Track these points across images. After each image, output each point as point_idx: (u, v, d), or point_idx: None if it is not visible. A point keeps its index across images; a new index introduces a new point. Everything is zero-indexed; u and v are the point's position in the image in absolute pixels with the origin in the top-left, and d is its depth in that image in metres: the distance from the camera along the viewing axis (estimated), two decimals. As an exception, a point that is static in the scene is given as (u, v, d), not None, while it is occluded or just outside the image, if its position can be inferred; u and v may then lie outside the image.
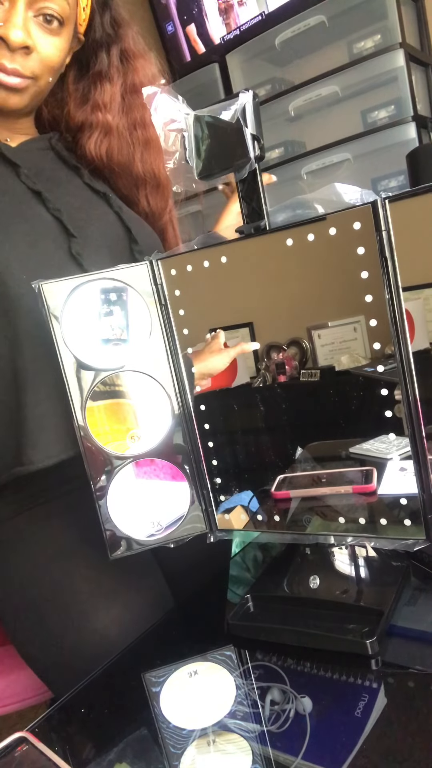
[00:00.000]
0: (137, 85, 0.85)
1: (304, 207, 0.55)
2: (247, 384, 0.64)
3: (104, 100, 0.83)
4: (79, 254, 0.72)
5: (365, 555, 0.67)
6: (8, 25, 0.70)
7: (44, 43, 0.73)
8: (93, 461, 0.63)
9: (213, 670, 0.57)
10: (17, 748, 0.50)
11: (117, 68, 0.84)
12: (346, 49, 1.87)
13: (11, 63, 0.72)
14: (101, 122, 0.83)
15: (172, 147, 0.62)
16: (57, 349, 0.61)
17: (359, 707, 0.49)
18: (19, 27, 0.70)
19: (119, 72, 0.84)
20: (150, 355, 0.63)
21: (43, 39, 0.73)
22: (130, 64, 0.85)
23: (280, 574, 0.68)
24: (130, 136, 0.85)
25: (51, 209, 0.74)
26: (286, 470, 0.62)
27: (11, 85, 0.74)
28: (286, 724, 0.49)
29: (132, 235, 0.80)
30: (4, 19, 0.70)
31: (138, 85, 0.85)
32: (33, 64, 0.74)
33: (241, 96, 0.55)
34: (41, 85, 0.77)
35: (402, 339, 0.51)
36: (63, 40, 0.75)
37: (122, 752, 0.50)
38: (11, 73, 0.73)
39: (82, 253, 0.73)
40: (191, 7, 2.09)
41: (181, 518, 0.65)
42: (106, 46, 0.84)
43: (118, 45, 0.85)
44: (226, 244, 0.60)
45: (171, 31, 2.15)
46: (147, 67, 0.86)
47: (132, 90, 0.85)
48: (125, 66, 0.85)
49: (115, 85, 0.84)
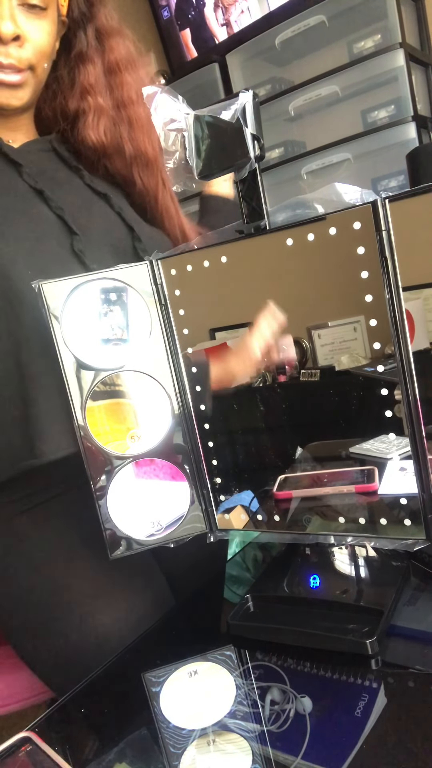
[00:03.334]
0: (113, 65, 0.84)
1: (304, 207, 0.55)
2: (247, 384, 0.64)
3: (89, 82, 0.82)
4: (82, 251, 0.72)
5: (365, 555, 0.67)
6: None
7: (33, 29, 0.73)
8: (93, 461, 0.63)
9: (213, 670, 0.57)
10: (21, 748, 0.50)
11: (94, 48, 0.83)
12: (346, 49, 1.87)
13: (6, 58, 0.72)
14: (93, 106, 0.82)
15: (172, 147, 0.62)
16: (57, 349, 0.61)
17: (359, 707, 0.49)
18: (7, 18, 0.70)
19: (97, 52, 0.83)
20: (150, 355, 0.63)
21: (30, 26, 0.73)
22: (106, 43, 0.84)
23: (280, 574, 0.68)
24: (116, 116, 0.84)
25: (53, 208, 0.74)
26: (286, 470, 0.62)
27: (11, 82, 0.74)
28: (286, 724, 0.49)
29: (135, 234, 0.80)
30: None
31: (115, 64, 0.84)
32: (27, 54, 0.73)
33: (241, 96, 0.55)
34: (39, 75, 0.77)
35: (402, 339, 0.51)
36: (49, 22, 0.75)
37: (122, 752, 0.50)
38: (8, 67, 0.72)
39: (84, 250, 0.73)
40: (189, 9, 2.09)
41: (181, 518, 0.65)
42: (83, 26, 0.83)
43: (93, 23, 0.83)
44: (226, 244, 0.60)
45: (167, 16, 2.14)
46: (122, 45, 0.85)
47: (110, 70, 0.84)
48: (101, 45, 0.84)
49: (96, 66, 0.83)
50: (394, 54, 1.74)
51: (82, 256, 0.72)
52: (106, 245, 0.77)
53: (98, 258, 0.74)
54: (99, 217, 0.79)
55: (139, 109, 0.83)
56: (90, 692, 0.59)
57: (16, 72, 0.73)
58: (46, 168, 0.80)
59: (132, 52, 0.86)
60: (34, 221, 0.73)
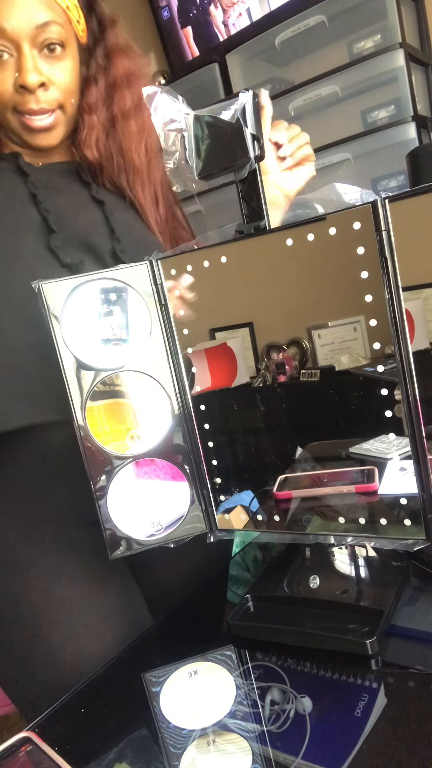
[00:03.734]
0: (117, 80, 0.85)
1: (304, 207, 0.55)
2: (247, 384, 0.64)
3: (90, 102, 0.84)
4: (57, 248, 0.74)
5: (365, 555, 0.67)
6: (23, 73, 0.74)
7: (55, 72, 0.77)
8: (93, 461, 0.63)
9: (213, 670, 0.57)
10: (21, 748, 0.50)
11: (101, 68, 0.85)
12: (346, 49, 1.87)
13: (37, 104, 0.76)
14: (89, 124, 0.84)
15: (172, 147, 0.62)
16: (57, 349, 0.61)
17: (359, 707, 0.49)
18: (32, 70, 0.74)
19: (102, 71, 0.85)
20: (150, 355, 0.63)
21: (53, 69, 0.77)
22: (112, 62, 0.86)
23: (280, 574, 0.68)
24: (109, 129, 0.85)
25: (41, 209, 0.76)
26: (286, 470, 0.62)
27: (45, 126, 0.78)
28: (286, 724, 0.49)
29: (115, 235, 0.80)
30: (17, 68, 0.74)
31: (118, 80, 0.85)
32: (54, 95, 0.78)
33: (241, 96, 0.55)
34: (69, 111, 0.81)
35: (402, 339, 0.51)
36: (70, 60, 0.79)
37: (122, 752, 0.50)
38: (39, 113, 0.77)
39: (59, 246, 0.74)
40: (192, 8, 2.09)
41: (181, 518, 0.65)
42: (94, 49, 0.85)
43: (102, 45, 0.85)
44: (226, 244, 0.60)
45: (167, 16, 2.14)
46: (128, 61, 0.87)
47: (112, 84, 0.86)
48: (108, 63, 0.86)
49: (99, 85, 0.85)
50: (394, 54, 1.74)
51: (57, 251, 0.74)
52: (84, 245, 0.78)
53: (72, 254, 0.75)
54: (84, 220, 0.80)
55: (131, 123, 0.85)
56: (90, 692, 0.59)
57: (47, 114, 0.78)
58: (55, 181, 0.82)
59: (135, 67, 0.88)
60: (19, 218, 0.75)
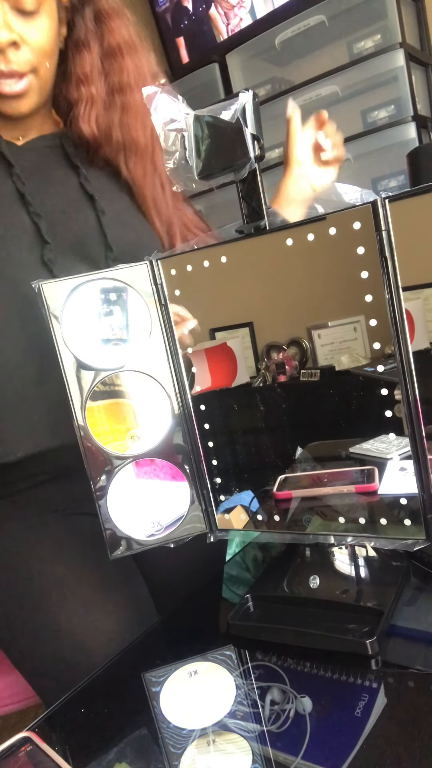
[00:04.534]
0: (113, 48, 0.79)
1: (304, 207, 0.55)
2: (247, 384, 0.64)
3: (84, 71, 0.78)
4: (51, 261, 0.71)
5: (365, 555, 0.67)
6: None
7: (29, 30, 0.70)
8: (93, 461, 0.63)
9: (213, 670, 0.57)
10: (21, 748, 0.50)
11: (92, 32, 0.79)
12: (346, 49, 1.87)
13: (7, 65, 0.69)
14: (85, 96, 0.78)
15: (172, 147, 0.62)
16: (57, 349, 0.61)
17: (359, 707, 0.49)
18: (2, 26, 0.67)
19: (95, 36, 0.79)
20: (150, 355, 0.63)
21: (25, 27, 0.69)
22: (105, 25, 0.79)
23: (280, 574, 0.68)
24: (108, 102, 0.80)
25: (31, 213, 0.73)
26: (286, 470, 0.62)
27: (15, 92, 0.72)
28: (286, 724, 0.49)
29: (107, 242, 0.77)
30: None
31: (114, 48, 0.79)
32: (27, 56, 0.71)
33: (241, 96, 0.55)
34: (42, 75, 0.74)
35: (402, 339, 0.51)
36: (46, 17, 0.71)
37: (122, 752, 0.50)
38: (9, 75, 0.70)
39: (54, 259, 0.72)
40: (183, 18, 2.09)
41: (181, 518, 0.65)
42: (81, 9, 0.78)
43: (91, 5, 0.79)
44: (226, 244, 0.60)
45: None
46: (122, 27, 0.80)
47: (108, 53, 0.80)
48: (100, 28, 0.79)
49: (93, 51, 0.78)
50: (394, 54, 1.74)
51: (51, 264, 0.71)
52: (78, 255, 0.75)
53: (67, 266, 0.72)
54: (76, 224, 0.76)
55: (136, 95, 0.79)
56: (90, 692, 0.59)
57: (18, 78, 0.71)
58: (42, 166, 0.78)
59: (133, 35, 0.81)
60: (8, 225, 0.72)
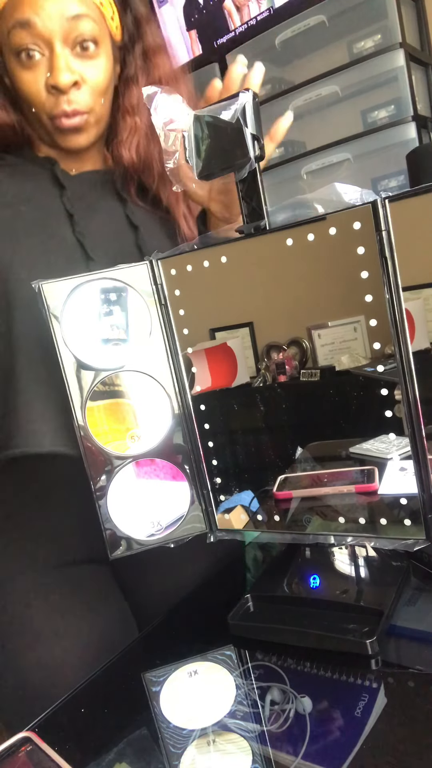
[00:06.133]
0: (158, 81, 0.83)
1: (304, 207, 0.55)
2: (247, 384, 0.64)
3: (132, 103, 0.82)
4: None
5: (365, 555, 0.67)
6: (55, 73, 0.71)
7: (88, 71, 0.74)
8: (93, 461, 0.63)
9: (213, 670, 0.57)
10: (21, 748, 0.50)
11: (141, 68, 0.83)
12: (346, 49, 1.87)
13: (69, 105, 0.73)
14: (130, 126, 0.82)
15: (172, 147, 0.62)
16: (57, 349, 0.61)
17: (359, 707, 0.49)
18: (65, 69, 0.71)
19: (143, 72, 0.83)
20: (150, 355, 0.63)
21: (86, 68, 0.74)
22: (152, 62, 0.84)
23: (280, 574, 0.68)
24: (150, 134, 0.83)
25: (76, 232, 0.74)
26: (286, 470, 0.62)
27: (74, 125, 0.75)
28: (286, 724, 0.49)
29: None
30: (49, 68, 0.71)
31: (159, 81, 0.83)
32: (85, 96, 0.75)
33: (241, 96, 0.55)
34: (98, 112, 0.78)
35: (402, 339, 0.51)
36: (104, 58, 0.76)
37: (122, 752, 0.50)
38: (72, 114, 0.74)
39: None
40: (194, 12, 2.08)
41: (181, 518, 0.65)
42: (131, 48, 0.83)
43: (140, 44, 0.83)
44: (226, 244, 0.60)
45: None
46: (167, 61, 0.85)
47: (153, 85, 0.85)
48: (147, 64, 0.84)
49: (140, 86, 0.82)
50: (394, 54, 1.74)
51: None
52: None
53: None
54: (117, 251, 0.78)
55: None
56: (90, 692, 0.59)
57: (77, 115, 0.75)
58: (90, 195, 0.81)
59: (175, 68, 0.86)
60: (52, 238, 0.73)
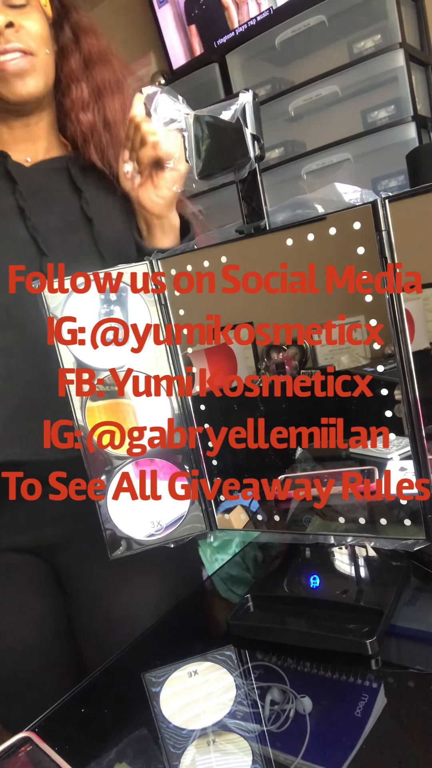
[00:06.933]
0: (93, 56, 0.85)
1: (304, 207, 0.55)
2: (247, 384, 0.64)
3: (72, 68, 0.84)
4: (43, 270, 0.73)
5: (365, 555, 0.67)
6: None
7: (23, 19, 0.75)
8: (93, 461, 0.63)
9: (213, 670, 0.57)
10: (21, 748, 0.50)
11: (72, 41, 0.85)
12: (346, 49, 1.87)
13: (7, 42, 0.73)
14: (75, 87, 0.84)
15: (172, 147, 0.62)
16: (57, 349, 0.61)
17: (359, 707, 0.49)
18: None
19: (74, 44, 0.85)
20: (150, 355, 0.63)
21: (20, 17, 0.75)
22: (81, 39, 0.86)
23: (280, 574, 0.68)
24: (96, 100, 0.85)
25: (29, 227, 0.75)
26: (286, 470, 0.62)
27: (18, 69, 0.74)
28: (286, 724, 0.49)
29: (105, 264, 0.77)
30: None
31: (93, 56, 0.85)
32: (25, 38, 0.75)
33: (241, 96, 0.55)
34: (43, 60, 0.78)
35: (402, 339, 0.51)
36: (36, 13, 0.77)
37: (122, 752, 0.50)
38: (12, 50, 0.74)
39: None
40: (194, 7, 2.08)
41: (181, 518, 0.65)
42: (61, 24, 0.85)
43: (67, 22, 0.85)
44: (226, 244, 0.60)
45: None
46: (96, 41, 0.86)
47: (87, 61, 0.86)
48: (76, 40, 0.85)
49: (75, 57, 0.84)
50: (394, 54, 1.74)
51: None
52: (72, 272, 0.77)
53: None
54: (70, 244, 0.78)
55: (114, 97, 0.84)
56: (90, 692, 0.59)
57: (20, 55, 0.74)
58: (45, 187, 0.80)
59: (105, 46, 0.87)
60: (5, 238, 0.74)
